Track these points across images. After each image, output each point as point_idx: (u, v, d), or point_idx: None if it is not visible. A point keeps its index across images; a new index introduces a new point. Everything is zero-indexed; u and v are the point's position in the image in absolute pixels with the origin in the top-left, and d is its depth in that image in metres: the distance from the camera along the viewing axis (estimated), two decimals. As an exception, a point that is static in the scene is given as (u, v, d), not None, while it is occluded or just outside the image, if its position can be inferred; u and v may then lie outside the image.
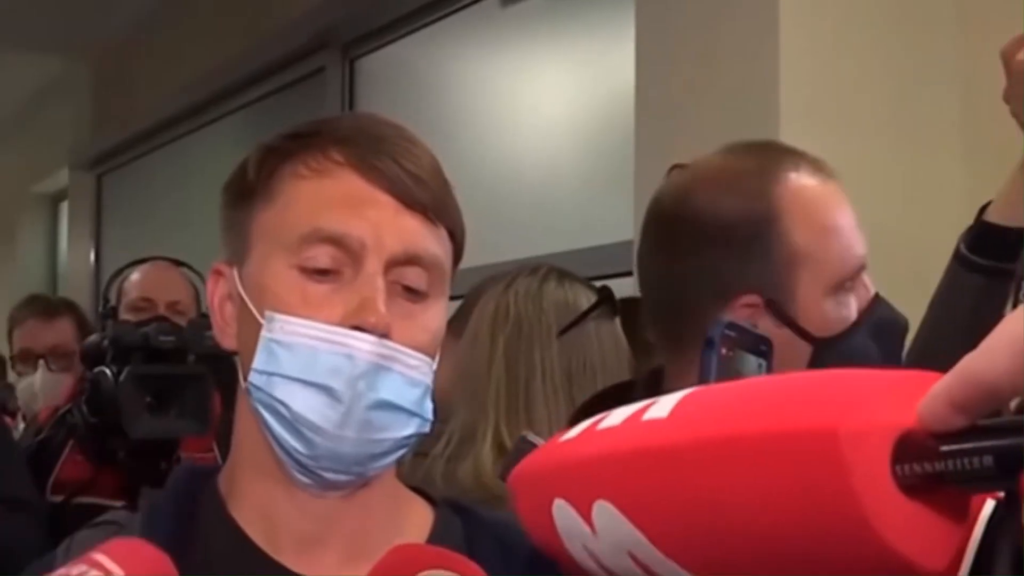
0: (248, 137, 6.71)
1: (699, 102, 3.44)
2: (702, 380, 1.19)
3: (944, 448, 0.63)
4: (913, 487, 0.64)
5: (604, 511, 0.74)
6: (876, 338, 1.64)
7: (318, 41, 5.83)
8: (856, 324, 1.62)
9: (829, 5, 3.34)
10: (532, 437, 1.31)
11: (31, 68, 8.79)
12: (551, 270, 2.47)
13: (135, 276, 3.24)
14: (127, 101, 7.95)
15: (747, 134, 3.27)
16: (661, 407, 0.74)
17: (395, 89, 5.56)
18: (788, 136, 3.20)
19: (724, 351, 1.20)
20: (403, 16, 5.39)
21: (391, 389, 1.20)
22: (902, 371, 0.69)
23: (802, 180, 1.63)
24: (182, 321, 2.86)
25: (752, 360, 1.23)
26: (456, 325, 2.33)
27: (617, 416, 0.78)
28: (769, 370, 1.25)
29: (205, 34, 6.93)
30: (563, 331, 2.33)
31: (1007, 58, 1.93)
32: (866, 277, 1.64)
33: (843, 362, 1.58)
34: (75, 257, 8.95)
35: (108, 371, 2.61)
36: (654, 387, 1.67)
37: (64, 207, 9.65)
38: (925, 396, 0.65)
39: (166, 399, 2.56)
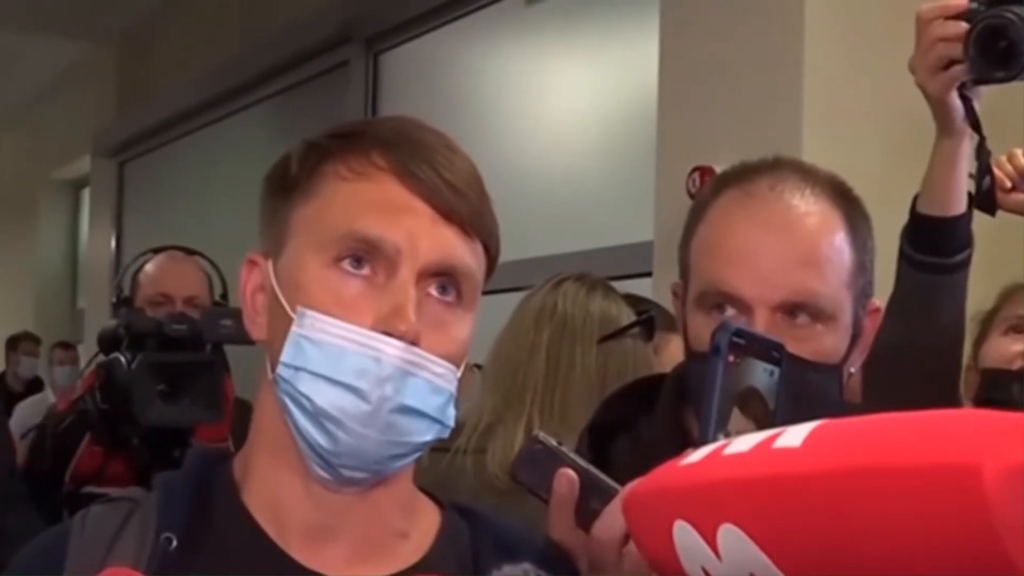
0: (270, 128, 6.73)
1: (721, 104, 3.43)
2: (707, 388, 1.18)
3: None
4: None
5: (730, 535, 0.76)
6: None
7: (342, 34, 5.84)
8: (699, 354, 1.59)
9: (855, 10, 3.34)
10: (544, 437, 1.31)
11: (54, 53, 8.83)
12: (599, 281, 2.52)
13: (150, 269, 3.21)
14: (150, 89, 7.98)
15: (770, 136, 3.29)
16: (792, 437, 0.76)
17: (418, 84, 5.56)
18: (810, 140, 3.20)
19: (731, 358, 1.19)
20: (427, 12, 5.40)
21: (416, 395, 1.20)
22: None
23: (731, 197, 1.62)
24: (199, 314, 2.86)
25: (761, 367, 1.21)
26: None
27: (744, 443, 0.79)
28: (782, 377, 1.22)
29: (230, 24, 6.94)
30: (603, 339, 2.38)
31: (921, 23, 1.92)
32: (762, 318, 1.60)
33: (696, 381, 1.57)
34: (95, 244, 8.98)
35: (123, 358, 2.61)
36: (684, 381, 1.67)
37: (86, 194, 9.69)
38: None
39: (178, 387, 2.56)
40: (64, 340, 8.56)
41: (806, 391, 1.43)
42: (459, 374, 1.26)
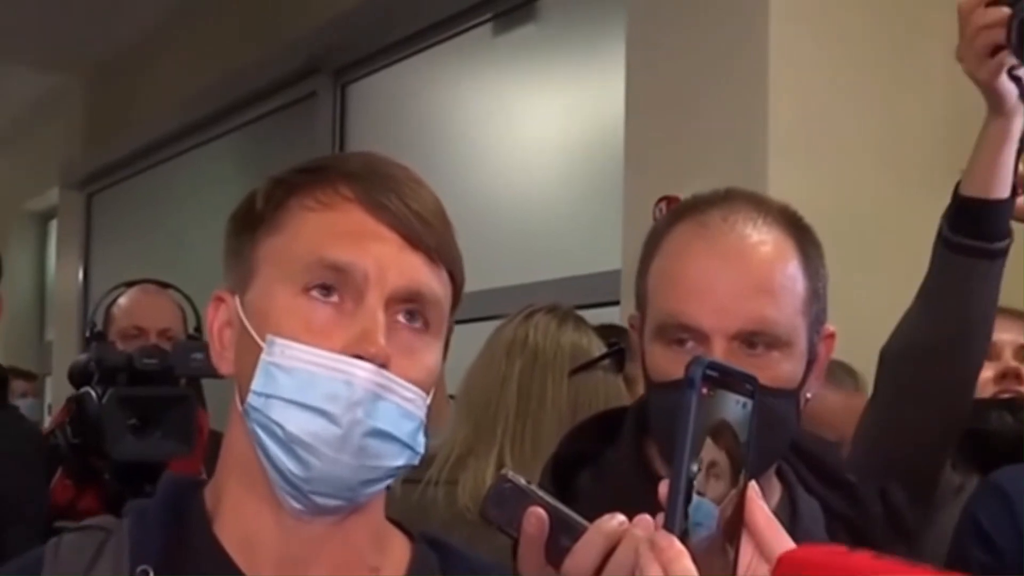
0: (238, 160, 6.72)
1: (688, 134, 3.46)
2: (681, 420, 1.17)
3: None
4: None
5: None
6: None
7: (310, 66, 5.85)
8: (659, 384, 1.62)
9: (821, 41, 3.37)
10: (513, 476, 1.31)
11: (23, 85, 8.79)
12: (570, 313, 2.54)
13: (123, 302, 3.21)
14: (118, 121, 7.96)
15: (735, 166, 3.31)
16: None
17: (386, 115, 5.58)
18: (776, 168, 3.23)
19: (704, 391, 1.18)
20: (395, 43, 5.42)
21: (387, 419, 1.21)
22: None
23: (685, 229, 1.64)
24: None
25: (733, 399, 1.21)
26: None
27: None
28: (754, 410, 1.22)
29: (198, 56, 6.94)
30: (575, 371, 2.39)
31: (963, 13, 1.93)
32: (720, 348, 1.61)
33: (657, 412, 1.61)
34: (63, 276, 8.94)
35: (93, 392, 2.60)
36: (645, 414, 1.69)
37: (54, 225, 9.64)
38: None
39: (150, 421, 2.55)
40: (25, 369, 8.22)
41: (769, 419, 1.45)
42: (428, 401, 1.27)
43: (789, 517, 1.65)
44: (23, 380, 7.96)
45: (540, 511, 1.27)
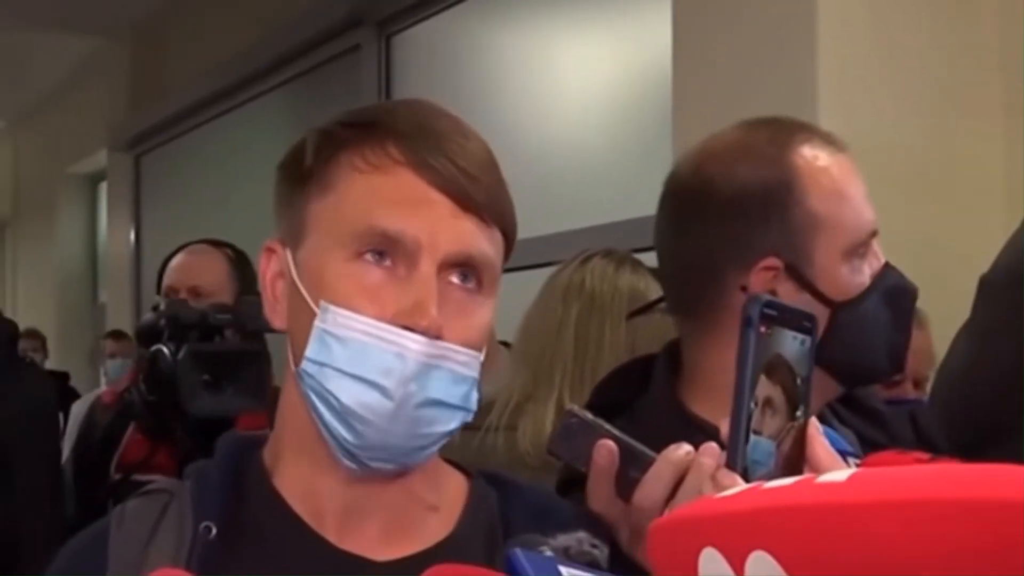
0: (284, 116, 6.73)
1: (737, 73, 3.43)
2: (740, 359, 1.19)
3: None
4: None
5: (761, 562, 0.74)
6: (888, 304, 1.65)
7: (353, 19, 5.84)
8: (870, 289, 1.63)
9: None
10: (579, 411, 1.31)
11: (67, 49, 8.84)
12: (627, 256, 2.52)
13: (171, 263, 3.26)
14: (163, 81, 7.99)
15: (785, 104, 3.27)
16: (837, 475, 0.76)
17: (430, 66, 5.56)
18: (826, 109, 3.19)
19: (763, 329, 1.18)
20: (438, -9, 5.40)
21: (440, 388, 1.22)
22: None
23: (815, 150, 1.63)
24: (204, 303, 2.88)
25: (791, 337, 1.21)
26: None
27: (785, 480, 0.79)
28: (813, 347, 1.23)
29: (241, 12, 6.95)
30: (632, 314, 2.37)
31: None
32: (876, 245, 1.63)
33: (859, 325, 1.61)
34: (114, 237, 9.00)
35: (165, 349, 2.62)
36: (675, 357, 1.70)
37: (103, 187, 9.70)
38: None
39: (223, 376, 2.57)
40: (117, 329, 8.15)
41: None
42: (481, 357, 1.27)
43: None
44: (112, 340, 7.93)
45: (610, 443, 1.27)
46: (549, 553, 1.13)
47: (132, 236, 8.64)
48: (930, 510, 0.68)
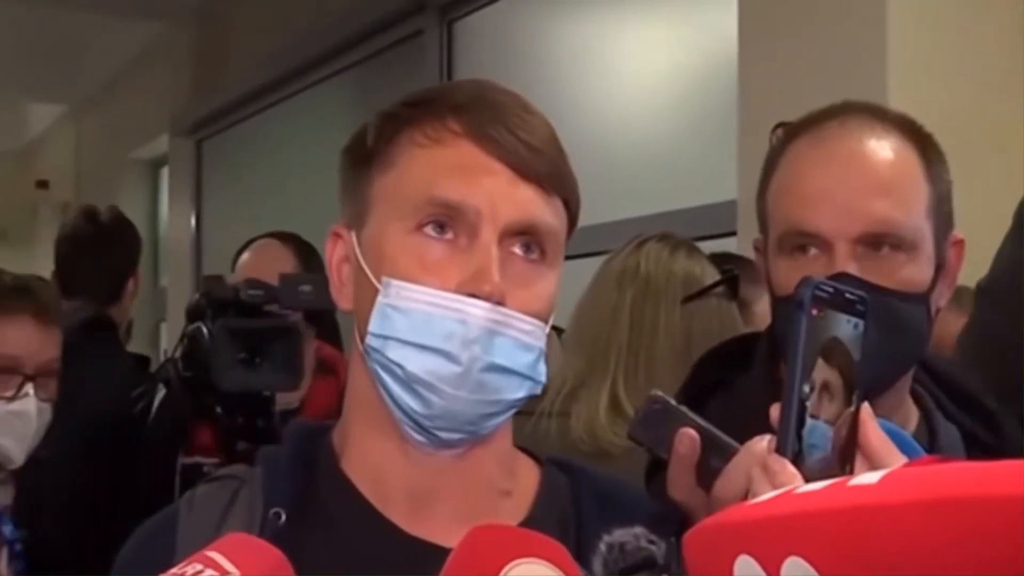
0: (346, 102, 6.73)
1: (804, 59, 3.38)
2: (792, 342, 1.17)
3: None
4: None
5: (796, 568, 0.75)
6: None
7: (415, 4, 5.83)
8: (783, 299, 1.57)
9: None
10: (663, 396, 1.31)
11: (129, 35, 8.89)
12: (682, 241, 2.50)
13: (239, 259, 3.29)
14: (226, 67, 8.01)
15: (854, 90, 3.21)
16: (869, 476, 0.76)
17: (492, 51, 5.54)
18: (895, 90, 3.13)
19: (815, 312, 1.17)
20: (501, -24, 5.37)
21: (505, 353, 1.22)
22: None
23: (802, 142, 1.61)
24: None
25: (844, 320, 1.19)
26: None
27: (816, 484, 0.79)
28: (866, 330, 1.21)
29: (303, -1, 6.96)
30: (687, 299, 2.35)
31: None
32: (844, 252, 1.55)
33: (781, 328, 1.56)
34: (176, 223, 9.05)
35: (204, 327, 2.63)
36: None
37: (164, 173, 9.77)
38: None
39: (257, 352, 2.57)
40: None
41: (895, 324, 1.46)
42: (547, 328, 1.27)
43: (928, 443, 1.61)
44: None
45: (692, 432, 1.27)
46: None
47: (193, 221, 8.68)
48: (963, 508, 0.68)
